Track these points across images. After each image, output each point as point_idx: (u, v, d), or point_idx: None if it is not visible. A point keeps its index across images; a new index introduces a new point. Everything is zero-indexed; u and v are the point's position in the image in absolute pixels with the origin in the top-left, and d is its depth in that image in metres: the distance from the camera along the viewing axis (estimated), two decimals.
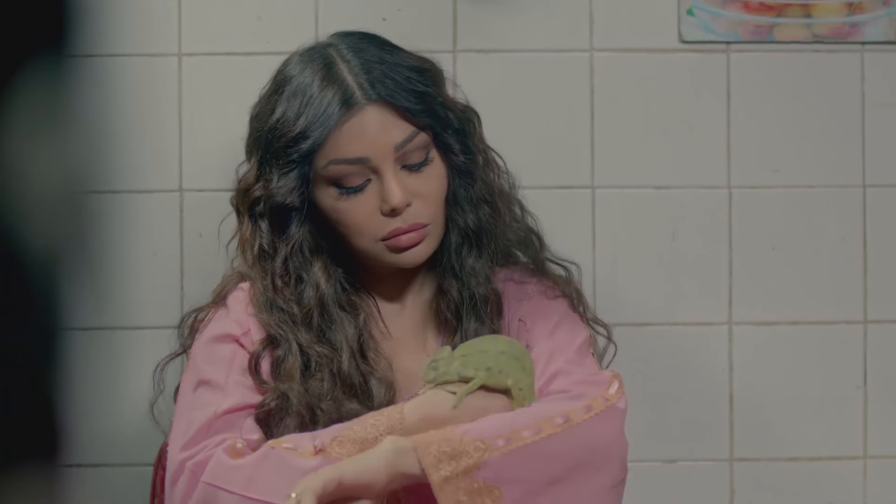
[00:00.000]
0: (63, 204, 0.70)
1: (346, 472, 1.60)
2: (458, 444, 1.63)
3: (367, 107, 1.76)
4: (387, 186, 1.76)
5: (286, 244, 1.81)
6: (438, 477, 1.61)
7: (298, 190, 1.79)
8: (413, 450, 1.62)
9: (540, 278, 1.91)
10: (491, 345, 1.72)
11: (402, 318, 1.89)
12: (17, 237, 0.69)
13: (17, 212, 0.69)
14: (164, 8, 2.21)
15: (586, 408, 1.69)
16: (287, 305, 1.81)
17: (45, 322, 0.70)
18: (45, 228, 0.70)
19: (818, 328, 2.26)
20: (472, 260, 1.86)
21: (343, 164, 1.77)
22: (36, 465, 0.71)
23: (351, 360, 1.79)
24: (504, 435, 1.65)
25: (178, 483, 1.70)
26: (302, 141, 1.77)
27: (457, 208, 1.86)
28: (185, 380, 1.81)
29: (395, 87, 1.78)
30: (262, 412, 1.76)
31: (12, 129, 0.69)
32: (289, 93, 1.80)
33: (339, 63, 1.80)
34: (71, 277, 0.71)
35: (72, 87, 0.71)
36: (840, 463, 2.27)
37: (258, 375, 1.77)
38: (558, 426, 1.67)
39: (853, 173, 2.26)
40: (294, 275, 1.81)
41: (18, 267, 0.69)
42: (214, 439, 1.71)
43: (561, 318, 1.86)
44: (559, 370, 1.77)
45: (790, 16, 2.24)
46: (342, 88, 1.77)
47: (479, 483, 1.63)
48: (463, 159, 1.85)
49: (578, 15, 2.24)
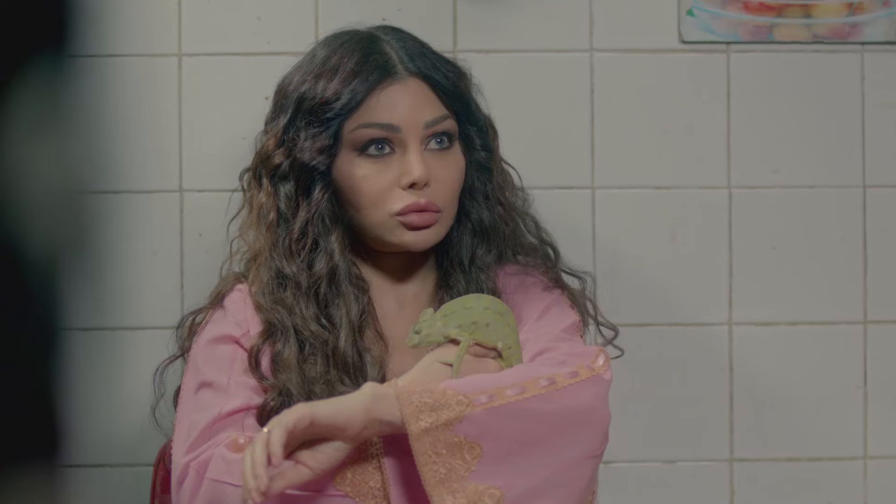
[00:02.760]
0: (63, 204, 0.70)
1: (319, 410, 1.59)
2: (440, 397, 1.62)
3: (407, 78, 1.80)
4: (411, 160, 1.78)
5: (308, 208, 1.81)
6: (417, 427, 1.61)
7: (327, 152, 1.80)
8: (395, 397, 1.61)
9: (534, 270, 1.91)
10: (475, 301, 1.73)
11: (404, 304, 1.89)
12: (17, 237, 0.69)
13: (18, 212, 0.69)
14: (164, 8, 2.21)
15: (572, 373, 1.69)
16: (295, 276, 1.81)
17: (45, 322, 0.70)
18: (45, 228, 0.70)
19: (818, 328, 2.26)
20: (483, 254, 1.87)
21: (373, 128, 1.79)
22: (36, 465, 0.71)
23: (349, 336, 1.79)
24: (488, 391, 1.64)
25: (184, 484, 1.70)
26: (337, 101, 1.79)
27: (472, 202, 1.88)
28: (186, 382, 1.81)
29: (433, 67, 1.82)
30: (269, 410, 1.75)
31: (13, 129, 0.69)
32: (326, 62, 1.82)
33: (381, 39, 1.84)
34: (71, 277, 0.71)
35: (72, 87, 0.71)
36: (840, 463, 2.27)
37: (258, 370, 1.77)
38: (542, 388, 1.66)
39: (853, 173, 2.26)
40: (311, 240, 1.81)
41: (18, 267, 0.69)
42: (216, 439, 1.71)
43: (549, 304, 1.86)
44: (545, 347, 1.77)
45: (790, 16, 2.24)
46: (385, 58, 1.81)
47: (458, 437, 1.62)
48: (484, 155, 1.87)
49: (578, 15, 2.24)
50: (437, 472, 1.61)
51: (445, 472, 1.62)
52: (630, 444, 2.25)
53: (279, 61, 1.97)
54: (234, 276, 1.89)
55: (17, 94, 0.69)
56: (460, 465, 1.62)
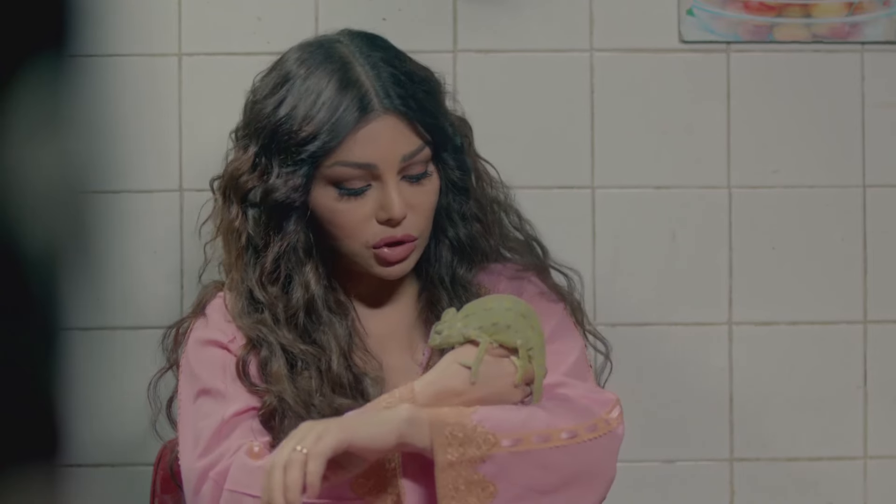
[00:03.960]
0: (63, 203, 0.70)
1: (357, 436, 1.59)
2: (470, 432, 1.63)
3: (382, 115, 1.75)
4: (389, 196, 1.75)
5: (280, 242, 1.78)
6: (444, 460, 1.62)
7: (302, 189, 1.77)
8: (427, 424, 1.62)
9: (532, 276, 1.90)
10: (496, 303, 1.72)
11: (387, 319, 1.88)
12: (17, 237, 0.69)
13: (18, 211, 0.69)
14: (164, 8, 2.21)
15: (591, 427, 1.70)
16: (271, 305, 1.78)
17: (45, 322, 0.70)
18: (45, 228, 0.70)
19: (818, 328, 2.26)
20: (463, 272, 1.85)
21: (350, 168, 1.75)
22: (36, 465, 0.71)
23: (341, 359, 1.78)
24: (514, 435, 1.65)
25: (201, 492, 1.69)
26: (313, 142, 1.75)
27: (449, 221, 1.85)
28: (183, 392, 1.80)
29: (409, 99, 1.77)
30: (265, 413, 1.75)
31: (12, 129, 0.69)
32: (300, 89, 1.77)
33: (355, 66, 1.78)
34: (71, 277, 0.71)
35: (72, 87, 0.71)
36: (840, 463, 2.27)
37: (247, 379, 1.76)
38: (564, 440, 1.68)
39: (853, 173, 2.26)
40: (284, 274, 1.79)
41: (18, 267, 0.69)
42: (230, 445, 1.70)
43: (558, 325, 1.85)
44: (560, 382, 1.76)
45: (790, 16, 2.24)
46: (360, 93, 1.76)
47: (479, 475, 1.63)
48: (459, 174, 1.84)
49: (578, 15, 2.24)
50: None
51: None
52: (629, 444, 2.24)
53: None
54: (214, 284, 1.88)
55: (17, 94, 0.69)
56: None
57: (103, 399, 2.14)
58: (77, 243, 0.71)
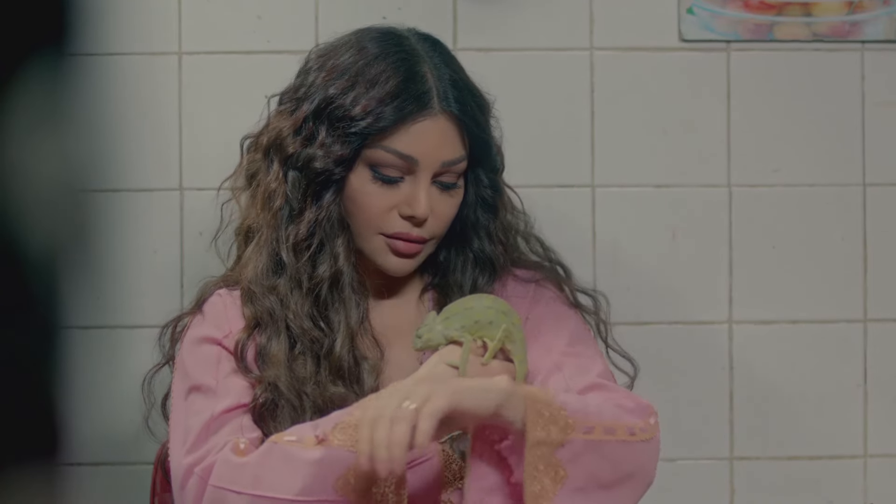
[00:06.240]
0: (63, 202, 0.70)
1: (465, 400, 1.58)
2: (556, 412, 1.63)
3: (438, 114, 1.78)
4: (418, 195, 1.78)
5: (317, 210, 1.79)
6: (535, 436, 1.61)
7: (344, 164, 1.78)
8: (522, 399, 1.61)
9: (547, 283, 1.91)
10: (476, 301, 1.74)
11: (391, 312, 1.89)
12: (17, 236, 0.69)
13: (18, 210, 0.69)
14: (164, 7, 2.21)
15: (643, 428, 1.71)
16: (296, 271, 1.79)
17: (45, 321, 0.70)
18: (45, 227, 0.70)
19: (818, 327, 2.26)
20: (483, 284, 1.88)
21: (393, 155, 1.77)
22: (36, 465, 0.71)
23: (346, 342, 1.78)
24: (588, 423, 1.65)
25: (186, 487, 1.70)
26: (365, 119, 1.77)
27: (476, 235, 1.88)
28: (176, 388, 1.81)
29: (465, 106, 1.80)
30: (255, 407, 1.75)
31: (12, 129, 0.69)
32: (365, 67, 1.79)
33: (423, 62, 1.81)
34: (71, 276, 0.71)
35: (72, 86, 0.70)
36: (840, 462, 2.27)
37: (243, 363, 1.77)
38: (626, 436, 1.68)
39: (853, 172, 2.26)
40: (318, 240, 1.80)
41: (18, 266, 0.69)
42: (218, 441, 1.71)
43: (576, 328, 1.87)
44: (596, 384, 1.77)
45: (790, 14, 2.24)
46: (423, 89, 1.78)
47: (555, 459, 1.63)
48: (490, 193, 1.88)
49: (578, 14, 2.24)
50: (534, 488, 1.62)
51: (539, 490, 1.63)
52: None
53: (279, 60, 1.97)
54: (213, 282, 1.89)
55: (17, 94, 0.69)
56: (549, 487, 1.63)
57: (103, 398, 2.14)
58: (77, 242, 0.71)
